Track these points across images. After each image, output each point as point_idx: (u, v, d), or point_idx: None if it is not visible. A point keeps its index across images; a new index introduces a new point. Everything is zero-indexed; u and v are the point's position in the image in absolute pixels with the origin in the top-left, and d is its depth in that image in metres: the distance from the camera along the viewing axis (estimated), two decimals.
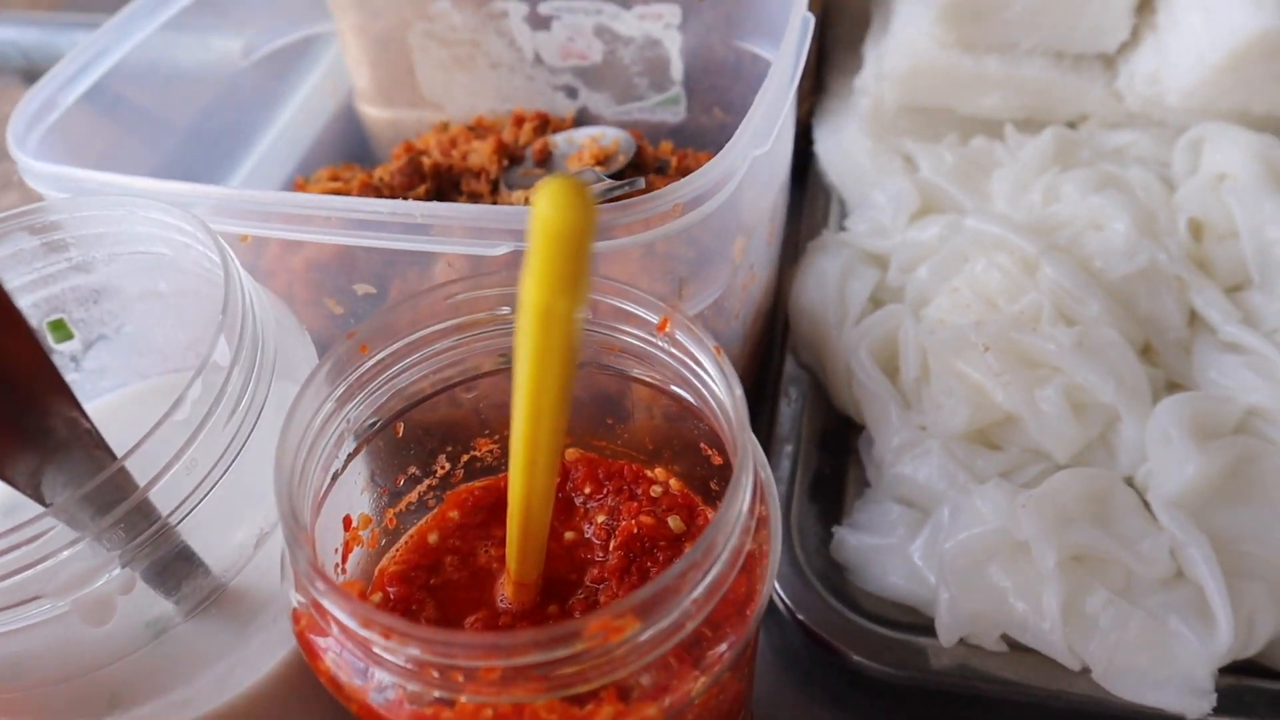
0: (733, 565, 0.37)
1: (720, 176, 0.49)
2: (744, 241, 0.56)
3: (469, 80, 0.77)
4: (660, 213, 0.48)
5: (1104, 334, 0.59)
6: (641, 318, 0.43)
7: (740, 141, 0.50)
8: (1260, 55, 0.61)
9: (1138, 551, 0.54)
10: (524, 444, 0.34)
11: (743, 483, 0.36)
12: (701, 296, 0.54)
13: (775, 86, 0.53)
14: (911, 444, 0.62)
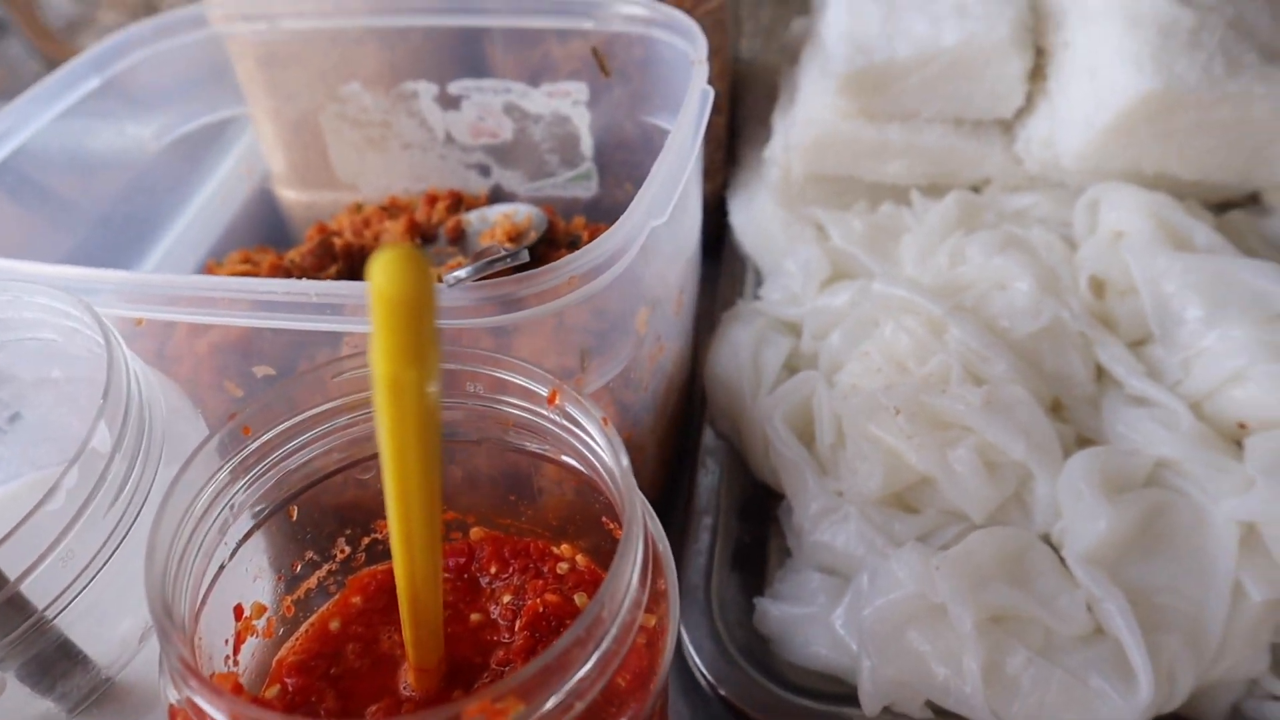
0: (623, 641, 0.36)
1: (616, 248, 0.49)
2: (648, 312, 0.56)
3: (382, 161, 0.77)
4: (556, 285, 0.48)
5: (1012, 392, 0.59)
6: (533, 391, 0.42)
7: (635, 213, 0.50)
8: (1144, 117, 0.63)
9: (1055, 609, 0.54)
10: (397, 522, 0.33)
11: (629, 556, 0.35)
12: (606, 368, 0.54)
13: (671, 159, 0.53)
14: (829, 510, 0.61)
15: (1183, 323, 0.61)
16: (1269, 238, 0.69)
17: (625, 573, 0.35)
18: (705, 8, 0.74)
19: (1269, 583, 0.56)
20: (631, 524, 0.36)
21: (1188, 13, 0.63)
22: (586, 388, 0.54)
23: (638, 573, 0.36)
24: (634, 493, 0.37)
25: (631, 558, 0.36)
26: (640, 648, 0.40)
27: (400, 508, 0.32)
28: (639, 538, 0.37)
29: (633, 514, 0.36)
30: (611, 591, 0.34)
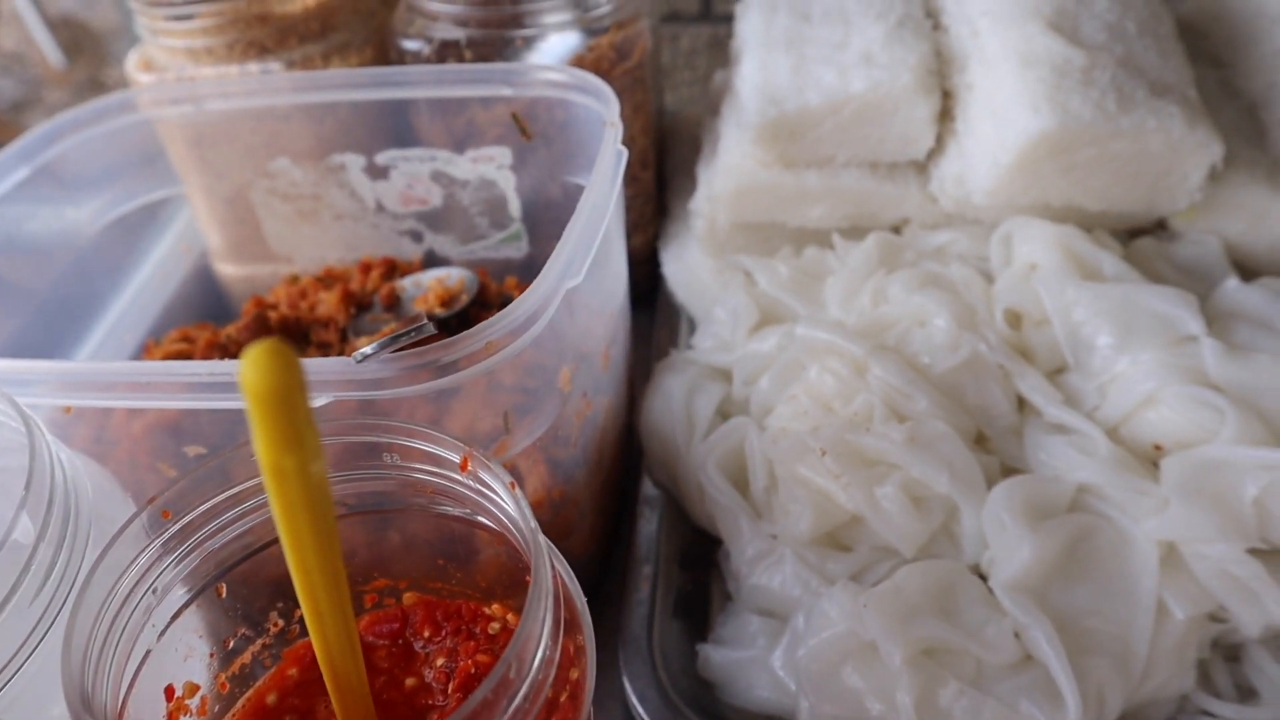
0: (534, 699, 0.36)
1: (531, 312, 0.50)
2: (571, 370, 0.57)
3: (315, 232, 0.79)
4: (472, 352, 0.49)
5: (934, 427, 0.61)
6: (445, 458, 0.43)
7: (549, 277, 0.51)
8: (1045, 154, 0.65)
9: (983, 639, 0.55)
10: (304, 597, 0.34)
11: (536, 616, 0.36)
12: (532, 428, 0.55)
13: (584, 221, 0.55)
14: (764, 554, 0.63)
15: (1094, 350, 0.63)
16: (1177, 262, 0.71)
17: (534, 632, 0.36)
18: (624, 67, 0.77)
19: (1191, 600, 0.57)
20: (538, 584, 0.37)
21: (1079, 53, 0.65)
22: (513, 448, 0.55)
23: (548, 630, 0.37)
24: (541, 555, 0.38)
25: (539, 618, 0.37)
26: (565, 703, 0.41)
27: (304, 583, 0.33)
28: (546, 596, 0.37)
29: (539, 574, 0.37)
30: (519, 652, 0.35)
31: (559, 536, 0.62)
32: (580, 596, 0.42)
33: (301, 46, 0.77)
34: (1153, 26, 0.69)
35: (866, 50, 0.71)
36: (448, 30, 0.76)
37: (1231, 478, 0.57)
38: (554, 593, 0.39)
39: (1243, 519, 0.57)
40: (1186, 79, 0.68)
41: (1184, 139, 0.65)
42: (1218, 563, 0.57)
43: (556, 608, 0.39)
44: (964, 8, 0.73)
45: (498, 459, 0.54)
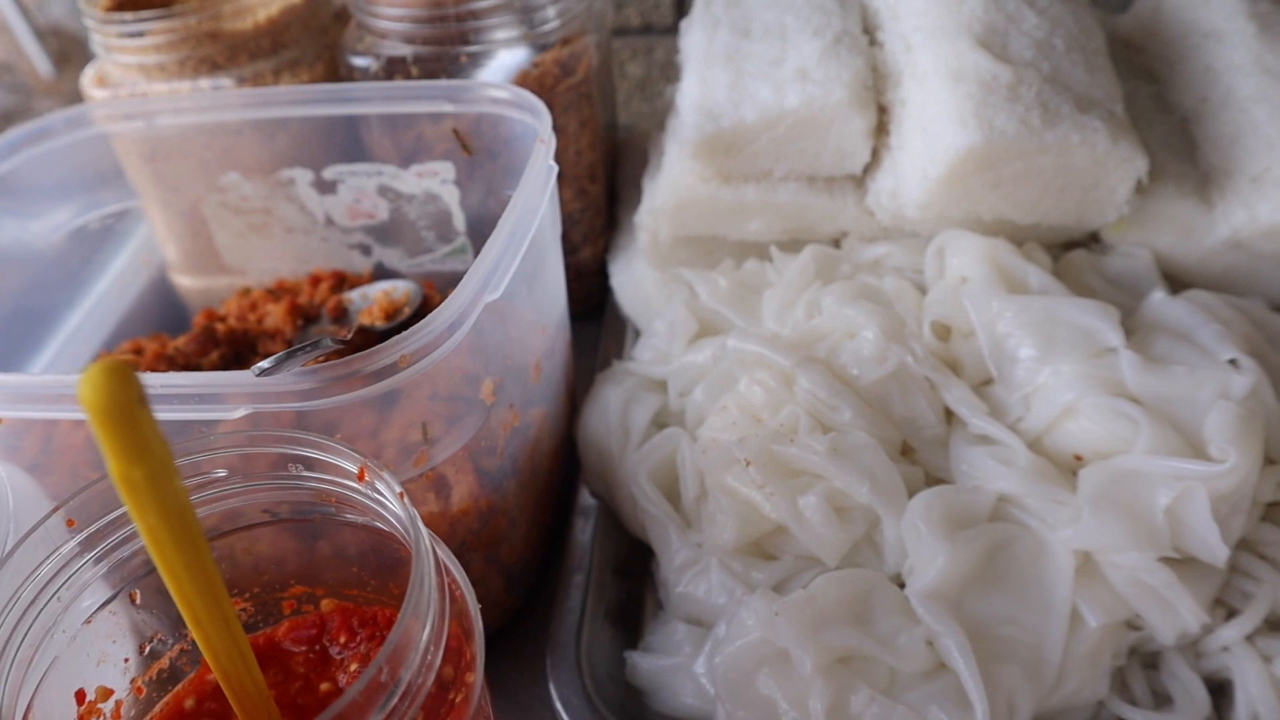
0: (409, 702, 0.37)
1: (445, 326, 0.52)
2: (495, 383, 0.58)
3: (267, 245, 0.80)
4: (387, 364, 0.50)
5: (856, 438, 0.62)
6: (345, 469, 0.44)
7: (464, 291, 0.53)
8: (973, 169, 0.66)
9: (895, 648, 0.56)
10: (180, 605, 0.35)
11: (414, 621, 0.37)
12: (453, 438, 0.56)
13: (505, 237, 0.56)
14: (691, 562, 0.64)
15: (1017, 362, 0.64)
16: (1108, 275, 0.72)
17: (410, 639, 0.37)
18: (568, 83, 0.78)
19: (1105, 608, 0.58)
20: (419, 589, 0.38)
21: (1006, 69, 0.66)
22: (434, 459, 0.56)
23: (428, 635, 0.38)
24: (423, 562, 0.39)
25: (420, 623, 0.38)
26: (459, 704, 0.42)
27: (176, 590, 0.34)
28: (426, 604, 0.39)
29: (421, 580, 0.38)
30: (391, 656, 0.36)
31: (489, 545, 0.63)
32: (474, 604, 0.43)
33: (252, 63, 0.78)
34: (1081, 43, 0.70)
35: (802, 66, 0.72)
36: (395, 47, 0.77)
37: (1144, 487, 0.58)
38: (441, 599, 0.40)
39: (1154, 528, 0.57)
40: (1114, 94, 0.69)
41: (1108, 154, 0.65)
42: (1131, 571, 0.58)
43: (441, 614, 0.40)
44: (899, 24, 0.74)
45: (418, 469, 0.56)
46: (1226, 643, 0.59)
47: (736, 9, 0.80)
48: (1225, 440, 0.57)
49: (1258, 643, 0.60)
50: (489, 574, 0.64)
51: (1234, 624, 0.59)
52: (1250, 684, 0.58)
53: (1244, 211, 0.68)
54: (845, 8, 0.78)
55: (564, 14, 0.79)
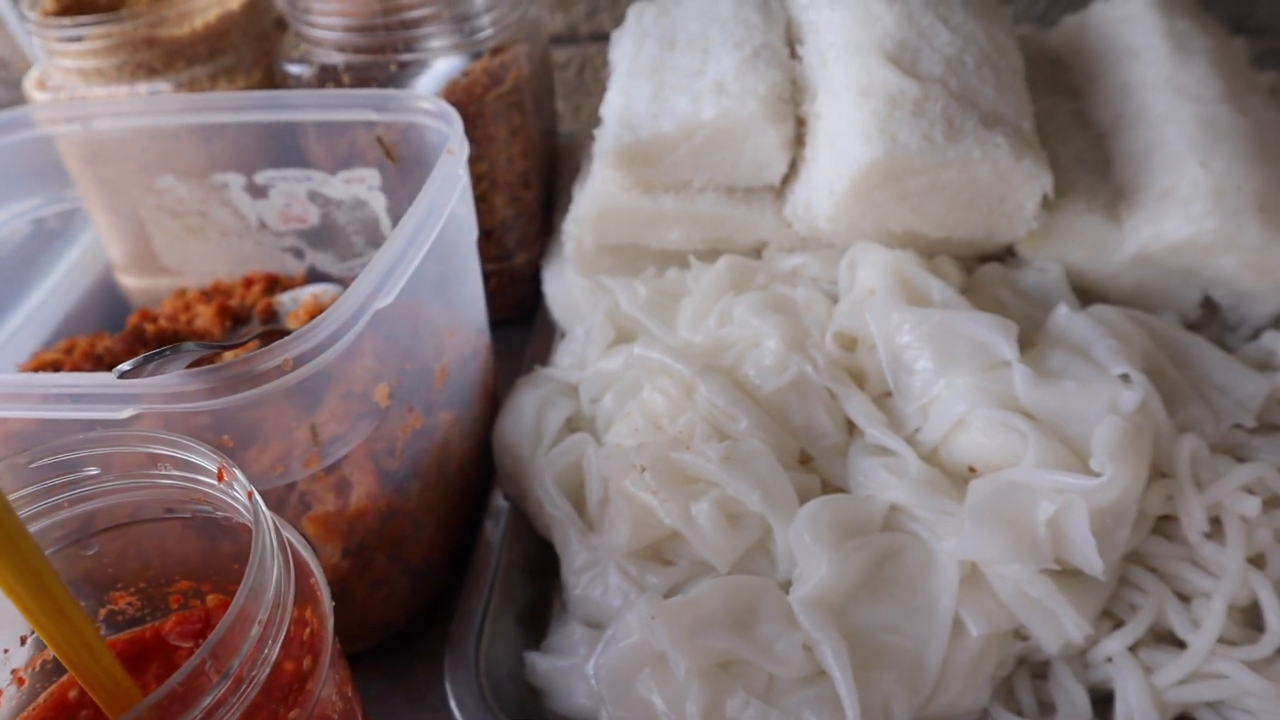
0: (241, 692, 0.39)
1: (329, 332, 0.53)
2: (390, 387, 0.59)
3: (203, 248, 0.82)
4: (271, 368, 0.52)
5: (750, 446, 0.63)
6: (206, 468, 0.46)
7: (350, 299, 0.54)
8: (877, 182, 0.67)
9: (772, 652, 0.57)
10: (11, 600, 0.37)
11: (244, 616, 0.39)
12: (343, 440, 0.58)
13: (398, 244, 0.57)
14: (590, 565, 0.65)
15: (914, 374, 0.65)
16: (1020, 289, 0.72)
17: (238, 636, 0.39)
18: (497, 92, 0.79)
19: (988, 618, 0.59)
20: (252, 577, 0.39)
21: (913, 85, 0.67)
22: (324, 460, 0.57)
23: (258, 631, 0.40)
24: (265, 552, 0.40)
25: (251, 618, 0.39)
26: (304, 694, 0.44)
27: (8, 591, 0.35)
28: (266, 595, 0.40)
29: (256, 576, 0.40)
30: (215, 648, 0.38)
31: (391, 544, 0.64)
32: (326, 602, 0.45)
33: (189, 69, 0.80)
34: (993, 60, 0.71)
35: (720, 79, 0.73)
36: (329, 55, 0.79)
37: (1027, 500, 0.59)
38: (281, 593, 0.41)
39: (1036, 540, 0.58)
40: (1022, 111, 0.69)
41: (1012, 170, 0.66)
42: (1014, 582, 0.59)
43: (278, 607, 0.41)
44: (818, 39, 0.75)
45: (308, 469, 0.57)
46: (1110, 653, 0.60)
47: (666, 20, 0.82)
48: (1105, 455, 0.58)
49: (1141, 654, 0.60)
50: (393, 573, 0.65)
51: (1117, 635, 0.60)
52: (1130, 695, 0.59)
53: (1150, 227, 0.69)
54: (770, 22, 0.79)
55: (495, 24, 0.80)
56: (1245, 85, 0.74)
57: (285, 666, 0.42)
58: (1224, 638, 0.60)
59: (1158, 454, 0.63)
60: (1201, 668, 0.59)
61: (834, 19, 0.74)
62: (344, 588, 0.63)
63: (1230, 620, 0.60)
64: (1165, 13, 0.78)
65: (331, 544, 0.61)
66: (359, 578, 0.63)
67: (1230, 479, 0.62)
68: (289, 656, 0.43)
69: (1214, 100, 0.71)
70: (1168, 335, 0.70)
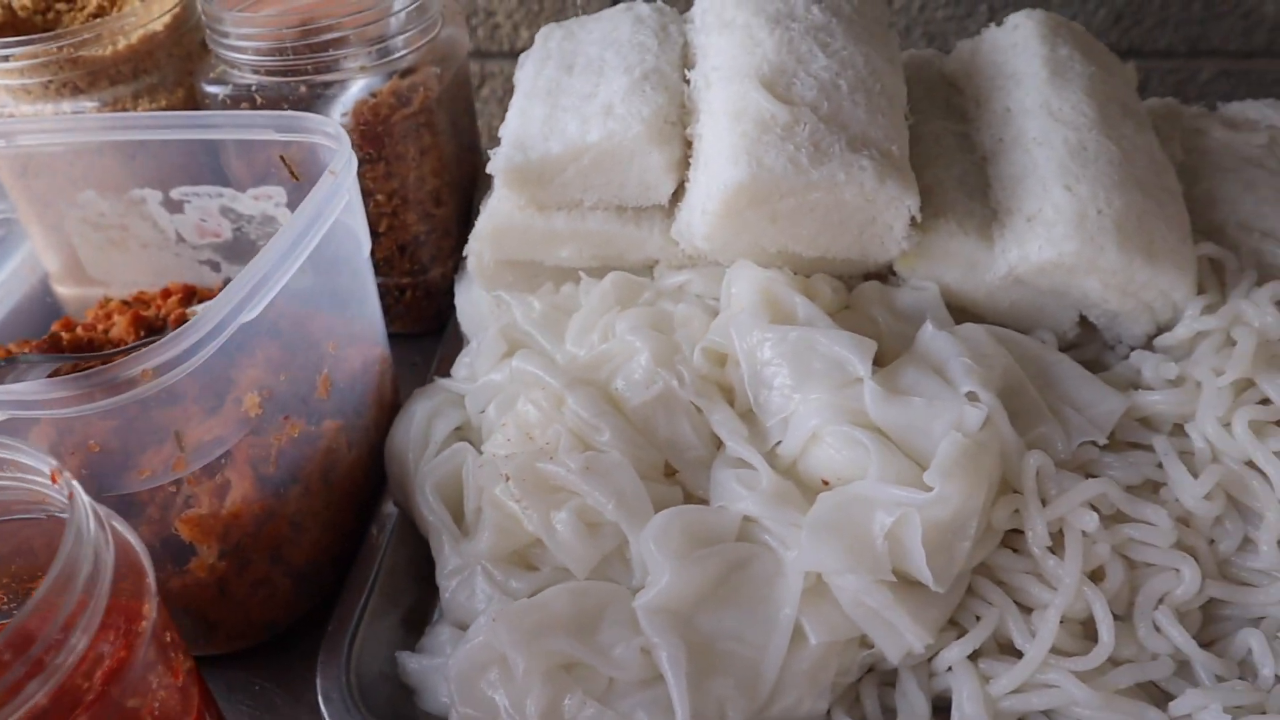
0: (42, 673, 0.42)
1: (190, 344, 0.56)
2: (259, 396, 0.62)
3: (125, 260, 0.85)
4: (130, 377, 0.55)
5: (610, 457, 0.65)
6: (40, 470, 0.49)
7: (211, 313, 0.57)
8: (746, 203, 0.69)
9: (610, 656, 0.60)
10: None
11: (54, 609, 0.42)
12: (209, 447, 0.61)
13: (267, 259, 0.60)
14: (460, 570, 0.67)
15: (773, 389, 0.67)
16: (897, 307, 0.74)
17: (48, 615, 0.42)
18: (404, 113, 0.82)
19: (828, 627, 0.61)
20: (56, 575, 0.42)
21: (784, 109, 0.70)
22: (191, 465, 0.60)
23: (60, 624, 0.43)
24: (79, 545, 0.43)
25: (59, 606, 0.42)
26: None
27: None
28: (74, 586, 0.43)
29: (70, 560, 0.43)
30: (21, 630, 0.41)
31: (270, 547, 0.67)
32: (153, 598, 0.48)
33: (112, 88, 0.83)
34: (868, 84, 0.73)
35: (609, 102, 0.76)
36: (243, 77, 0.82)
37: (866, 513, 0.61)
38: (89, 586, 0.44)
39: (874, 552, 0.60)
40: (893, 135, 0.71)
41: (876, 191, 0.68)
42: (854, 593, 0.61)
43: (89, 596, 0.44)
44: (705, 62, 0.77)
45: (176, 473, 0.60)
46: (950, 662, 0.62)
47: (570, 44, 0.84)
48: (938, 471, 0.60)
49: (982, 664, 0.62)
50: (274, 574, 0.68)
51: (956, 645, 0.62)
52: (965, 703, 0.61)
53: (1018, 249, 0.71)
54: (665, 46, 0.81)
55: (406, 47, 0.83)
56: (1120, 112, 0.76)
57: (100, 654, 0.45)
58: (1060, 649, 0.62)
59: (1008, 470, 0.65)
60: (1034, 677, 0.61)
61: (720, 44, 0.76)
62: (223, 588, 0.66)
63: (1068, 633, 0.62)
64: (1048, 40, 0.79)
65: (208, 544, 0.64)
66: (238, 578, 0.66)
67: (1073, 495, 0.64)
68: (104, 645, 0.45)
69: (1085, 126, 0.73)
70: (1034, 354, 0.72)
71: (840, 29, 0.76)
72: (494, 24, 1.43)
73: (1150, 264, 0.69)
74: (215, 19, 0.81)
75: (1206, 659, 0.62)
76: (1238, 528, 0.66)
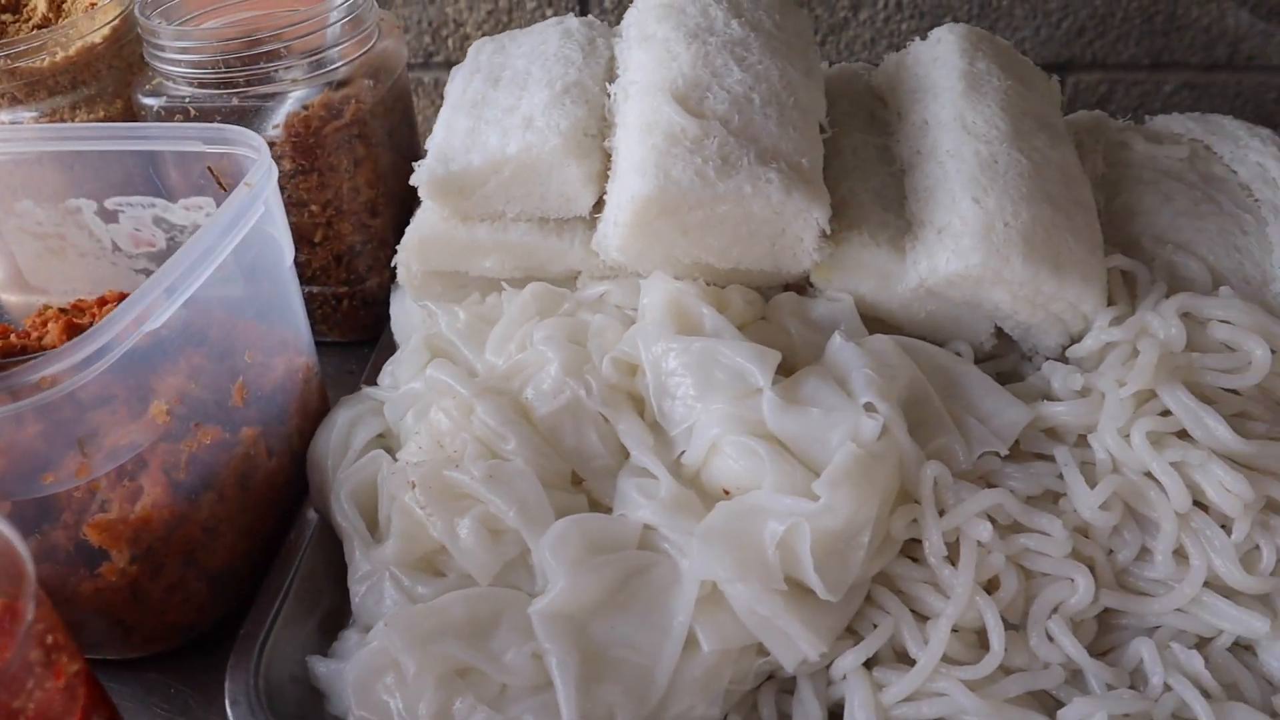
0: None
1: (90, 353, 0.57)
2: (168, 405, 0.64)
3: (63, 268, 0.87)
4: (28, 383, 0.56)
5: (514, 466, 0.67)
6: None
7: (110, 322, 0.58)
8: (655, 215, 0.70)
9: (501, 663, 0.61)
10: None
11: None
12: (116, 453, 0.62)
13: (173, 271, 0.61)
14: (369, 575, 0.68)
15: (677, 399, 0.68)
16: (812, 318, 0.75)
17: None
18: (335, 125, 0.84)
19: (721, 635, 0.62)
20: None
21: (694, 123, 0.71)
22: (95, 471, 0.62)
23: None
24: None
25: None
26: None
27: None
28: None
29: None
30: None
31: (183, 551, 0.68)
32: (28, 601, 0.49)
33: (50, 99, 0.85)
34: (782, 98, 0.74)
35: (529, 115, 0.77)
36: (178, 89, 0.84)
37: (759, 522, 0.62)
38: None
39: (766, 561, 0.61)
40: (804, 148, 0.72)
41: (783, 204, 0.69)
42: (747, 601, 0.62)
43: None
44: (625, 75, 0.78)
45: (80, 478, 0.62)
46: (845, 671, 0.63)
47: (500, 57, 0.86)
48: (827, 481, 0.61)
49: (876, 672, 0.63)
50: (189, 579, 0.69)
51: (850, 653, 0.63)
52: (856, 710, 0.62)
53: (927, 261, 0.72)
54: (591, 59, 0.82)
55: (340, 59, 0.85)
56: (1034, 125, 0.76)
57: None
58: (954, 658, 0.63)
59: (907, 480, 0.66)
60: (926, 686, 0.61)
61: (640, 57, 0.77)
62: (135, 592, 0.67)
63: (962, 642, 0.63)
64: (968, 54, 0.80)
65: (118, 549, 0.65)
66: (151, 582, 0.68)
67: (969, 505, 0.64)
68: None
69: (997, 139, 0.74)
70: (943, 365, 0.72)
71: (758, 43, 0.77)
72: (463, 34, 1.44)
73: (1057, 276, 0.70)
74: (151, 32, 0.83)
75: (1098, 668, 0.62)
76: (1136, 538, 0.66)
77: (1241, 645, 0.65)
